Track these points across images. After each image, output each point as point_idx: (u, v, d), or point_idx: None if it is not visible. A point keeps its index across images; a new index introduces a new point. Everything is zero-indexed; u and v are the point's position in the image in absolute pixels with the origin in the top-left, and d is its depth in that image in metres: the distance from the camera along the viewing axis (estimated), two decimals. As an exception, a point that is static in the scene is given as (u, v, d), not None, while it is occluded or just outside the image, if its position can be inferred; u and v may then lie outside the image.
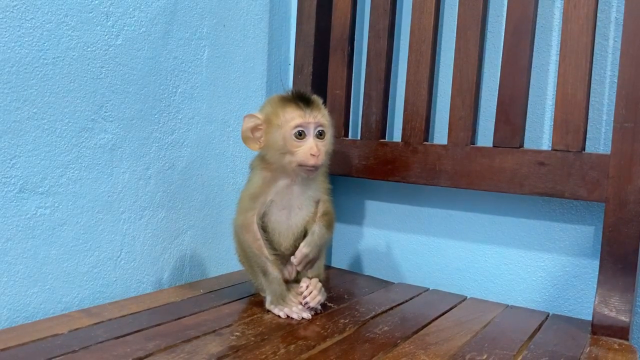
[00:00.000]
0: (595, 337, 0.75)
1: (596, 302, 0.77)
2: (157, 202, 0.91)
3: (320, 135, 0.76)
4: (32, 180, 0.74)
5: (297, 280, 0.82)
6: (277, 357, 0.62)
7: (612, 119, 0.78)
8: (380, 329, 0.73)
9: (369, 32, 1.00)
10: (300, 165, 0.76)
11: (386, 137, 1.01)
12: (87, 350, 0.62)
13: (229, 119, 1.03)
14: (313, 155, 0.75)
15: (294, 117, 0.75)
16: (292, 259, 0.78)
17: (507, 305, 0.87)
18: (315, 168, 0.76)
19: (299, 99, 0.76)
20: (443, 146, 0.92)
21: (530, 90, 0.86)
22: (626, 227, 0.77)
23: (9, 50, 0.70)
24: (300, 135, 0.75)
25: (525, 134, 0.87)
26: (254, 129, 0.78)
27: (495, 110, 0.88)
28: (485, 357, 0.66)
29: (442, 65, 1.00)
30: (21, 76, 0.72)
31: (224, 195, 1.03)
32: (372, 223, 1.09)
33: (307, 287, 0.79)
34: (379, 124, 0.99)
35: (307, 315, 0.76)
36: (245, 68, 1.06)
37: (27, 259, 0.74)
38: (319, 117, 0.76)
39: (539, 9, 0.86)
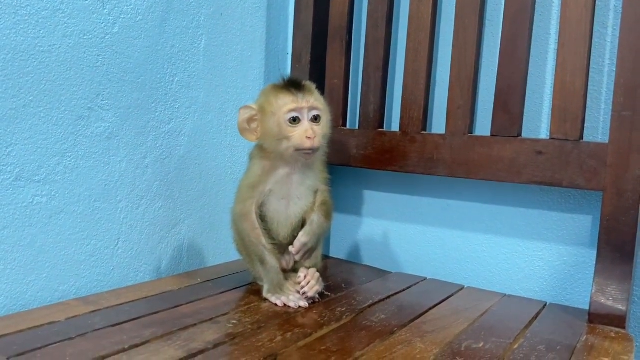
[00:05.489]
0: (592, 325, 0.76)
1: (593, 291, 0.77)
2: (155, 191, 0.91)
3: (315, 119, 0.76)
4: (29, 169, 0.74)
5: (294, 270, 0.82)
6: (273, 344, 0.62)
7: (611, 108, 0.78)
8: (377, 317, 0.73)
9: (368, 20, 0.99)
10: (297, 149, 0.75)
11: (384, 127, 1.00)
12: (84, 337, 0.62)
13: (227, 108, 1.03)
14: (309, 138, 0.75)
15: (286, 102, 0.75)
16: (291, 248, 0.78)
17: (505, 295, 0.87)
18: (312, 151, 0.76)
19: (292, 85, 0.77)
20: (441, 135, 0.91)
21: (528, 79, 0.86)
22: (624, 215, 0.77)
23: (4, 38, 0.70)
24: (295, 120, 0.75)
25: (524, 122, 0.86)
26: (250, 120, 0.78)
27: (493, 99, 0.88)
28: (482, 345, 0.66)
29: (440, 54, 0.99)
30: (17, 64, 0.71)
31: (222, 185, 1.03)
32: (369, 213, 1.09)
33: (305, 277, 0.79)
34: (377, 113, 0.99)
35: (304, 303, 0.76)
36: (243, 57, 1.06)
37: (23, 247, 0.74)
38: (312, 100, 0.76)
39: (537, -3, 0.86)
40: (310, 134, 0.75)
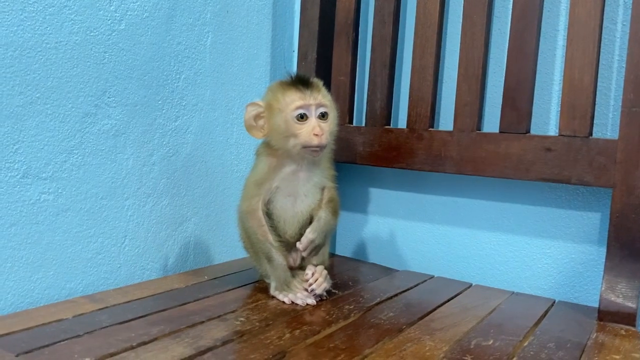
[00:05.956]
0: (601, 323, 0.75)
1: (603, 288, 0.77)
2: (161, 188, 0.91)
3: (322, 116, 0.76)
4: (36, 166, 0.74)
5: (301, 267, 0.82)
6: (282, 341, 0.62)
7: (620, 104, 0.77)
8: (385, 314, 0.73)
9: (374, 17, 0.99)
10: (305, 146, 0.75)
11: (391, 124, 1.00)
12: (92, 335, 0.61)
13: (233, 105, 1.02)
14: (316, 135, 0.74)
15: (294, 99, 0.75)
16: (298, 244, 0.78)
17: (513, 292, 0.87)
18: (320, 148, 0.75)
19: (299, 82, 0.76)
20: (449, 132, 0.91)
21: (537, 75, 0.85)
22: (634, 212, 0.76)
23: (11, 34, 0.70)
24: (302, 117, 0.75)
25: (532, 119, 0.86)
26: (257, 116, 0.78)
27: (501, 96, 0.87)
28: (491, 342, 0.65)
29: (447, 50, 0.99)
30: (24, 60, 0.71)
31: (228, 182, 1.02)
32: (376, 210, 1.09)
33: (313, 274, 0.78)
34: (383, 110, 0.98)
35: (311, 301, 0.76)
36: (249, 54, 1.05)
37: (31, 244, 0.74)
38: (320, 97, 0.76)
39: (546, -7, 0.85)
40: (318, 131, 0.74)
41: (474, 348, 0.63)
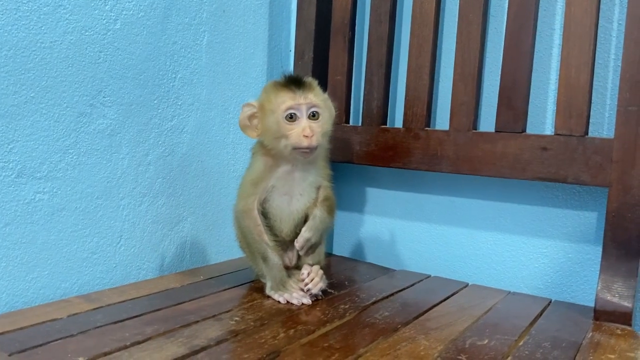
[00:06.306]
0: (597, 322, 0.75)
1: (599, 287, 0.77)
2: (157, 188, 0.90)
3: (313, 116, 0.75)
4: (30, 165, 0.73)
5: (297, 267, 0.82)
6: (276, 341, 0.62)
7: (616, 103, 0.77)
8: (380, 314, 0.73)
9: (371, 16, 0.99)
10: (295, 148, 0.75)
11: (387, 123, 1.00)
12: (86, 334, 0.61)
13: (229, 105, 1.02)
14: (306, 136, 0.74)
15: (285, 100, 0.75)
16: (295, 243, 0.78)
17: (509, 292, 0.87)
18: (310, 150, 0.75)
19: (292, 82, 0.76)
20: (445, 132, 0.91)
21: (533, 74, 0.85)
22: (630, 212, 0.76)
23: (5, 34, 0.69)
24: (292, 117, 0.74)
25: (528, 118, 0.86)
26: (251, 117, 0.78)
27: (497, 95, 0.87)
28: (486, 342, 0.65)
29: (444, 50, 0.99)
30: (18, 60, 0.71)
31: (224, 182, 1.02)
32: (373, 210, 1.09)
33: (309, 274, 0.78)
34: (380, 109, 0.98)
35: (307, 301, 0.76)
36: (246, 54, 1.05)
37: (25, 244, 0.74)
38: (311, 97, 0.75)
39: (542, -8, 0.85)
40: (307, 132, 0.74)
41: (468, 347, 0.63)
